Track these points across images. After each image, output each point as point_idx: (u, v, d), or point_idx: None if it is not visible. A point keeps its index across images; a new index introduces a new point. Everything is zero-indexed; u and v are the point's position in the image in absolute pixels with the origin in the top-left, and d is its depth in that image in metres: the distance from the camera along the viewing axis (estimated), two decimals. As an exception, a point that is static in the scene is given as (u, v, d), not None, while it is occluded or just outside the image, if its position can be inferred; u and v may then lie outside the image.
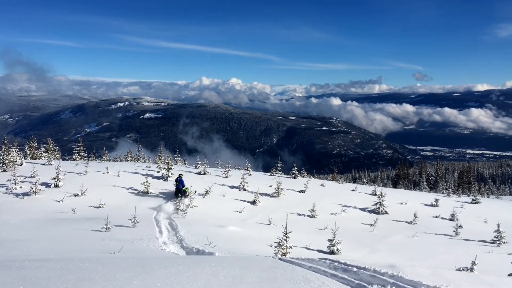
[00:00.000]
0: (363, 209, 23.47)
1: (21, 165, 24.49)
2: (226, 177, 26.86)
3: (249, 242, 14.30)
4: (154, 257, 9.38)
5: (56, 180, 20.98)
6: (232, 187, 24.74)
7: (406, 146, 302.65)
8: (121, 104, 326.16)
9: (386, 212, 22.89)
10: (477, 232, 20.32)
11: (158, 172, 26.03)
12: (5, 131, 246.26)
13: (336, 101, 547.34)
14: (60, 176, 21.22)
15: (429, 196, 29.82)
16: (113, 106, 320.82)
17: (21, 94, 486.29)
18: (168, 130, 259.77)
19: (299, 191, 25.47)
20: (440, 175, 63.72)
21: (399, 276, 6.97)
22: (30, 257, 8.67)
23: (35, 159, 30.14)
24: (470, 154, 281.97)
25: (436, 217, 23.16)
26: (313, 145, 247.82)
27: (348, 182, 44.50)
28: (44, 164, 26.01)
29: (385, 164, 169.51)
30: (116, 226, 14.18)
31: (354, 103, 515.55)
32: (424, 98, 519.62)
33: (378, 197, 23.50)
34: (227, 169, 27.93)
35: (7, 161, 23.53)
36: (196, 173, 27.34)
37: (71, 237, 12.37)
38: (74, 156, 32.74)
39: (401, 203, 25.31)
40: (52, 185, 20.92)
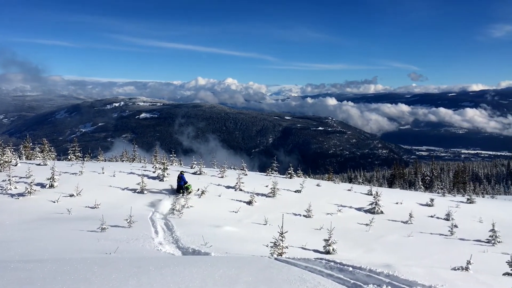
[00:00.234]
0: (359, 209, 23.52)
1: (16, 166, 24.39)
2: (222, 177, 26.86)
3: (245, 242, 14.30)
4: (150, 258, 9.36)
5: (51, 181, 20.90)
6: (228, 187, 24.74)
7: (402, 146, 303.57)
8: (117, 104, 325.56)
9: (382, 212, 22.94)
10: (472, 232, 20.39)
11: (154, 172, 26.00)
12: (0, 132, 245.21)
13: (332, 101, 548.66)
14: (55, 177, 21.15)
15: (425, 196, 29.91)
16: (109, 106, 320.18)
17: (16, 94, 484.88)
18: (164, 130, 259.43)
19: (295, 191, 25.49)
20: (435, 175, 63.93)
21: (395, 276, 6.99)
22: (25, 258, 8.64)
23: (30, 160, 30.03)
24: (465, 154, 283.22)
25: (432, 217, 23.23)
26: (309, 145, 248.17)
27: (344, 182, 44.60)
28: (39, 165, 25.91)
29: (381, 164, 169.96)
30: (112, 227, 14.14)
31: (350, 103, 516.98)
32: (420, 98, 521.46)
33: (374, 197, 23.55)
34: (223, 169, 27.92)
35: (2, 162, 23.44)
36: (192, 173, 27.31)
37: (67, 238, 12.32)
38: (70, 157, 32.64)
39: (397, 203, 25.38)
40: (47, 186, 20.84)
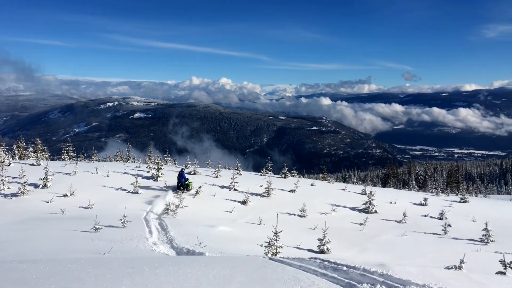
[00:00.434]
0: (353, 209, 23.58)
1: (9, 166, 24.25)
2: (216, 177, 26.84)
3: (240, 242, 14.30)
4: (144, 258, 9.34)
5: (45, 181, 20.81)
6: (223, 187, 24.72)
7: (395, 146, 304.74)
8: (111, 104, 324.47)
9: (376, 211, 23.02)
10: (466, 231, 20.50)
11: (148, 172, 25.95)
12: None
13: (326, 101, 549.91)
14: (49, 177, 21.06)
15: (418, 195, 30.04)
16: (102, 106, 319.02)
17: (9, 94, 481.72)
18: (158, 130, 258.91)
19: (290, 191, 25.52)
20: (429, 175, 64.23)
21: (389, 275, 7.03)
22: (19, 258, 8.59)
23: (23, 160, 29.86)
24: (459, 154, 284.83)
25: (425, 216, 23.33)
26: (303, 145, 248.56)
27: (338, 182, 44.70)
28: (33, 165, 25.77)
29: (375, 164, 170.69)
30: (106, 227, 14.08)
31: (344, 103, 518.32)
32: (413, 98, 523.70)
33: (368, 197, 23.62)
34: (217, 169, 27.91)
35: (-5, 162, 23.30)
36: (186, 173, 27.25)
37: (60, 238, 12.26)
38: (63, 157, 32.48)
39: (391, 202, 25.48)
40: (41, 186, 20.74)
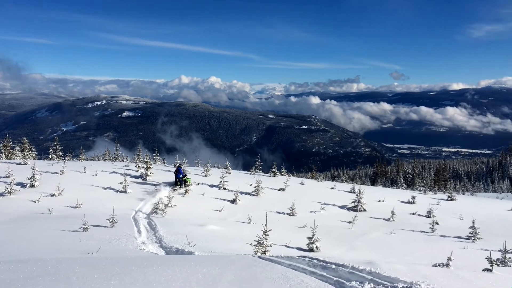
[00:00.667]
0: (342, 207, 23.69)
1: (-5, 165, 23.96)
2: (206, 176, 26.79)
3: (229, 241, 14.30)
4: (133, 257, 9.29)
5: (32, 180, 20.60)
6: (212, 186, 24.68)
7: (384, 144, 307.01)
8: (99, 103, 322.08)
9: (364, 210, 23.15)
10: (453, 229, 20.71)
11: (137, 172, 25.81)
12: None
13: (315, 100, 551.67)
14: (36, 176, 20.85)
15: (406, 194, 30.27)
16: (90, 105, 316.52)
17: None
18: (147, 129, 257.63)
19: (279, 190, 25.57)
20: (417, 173, 64.80)
21: (377, 273, 7.06)
22: (6, 259, 8.49)
23: (10, 159, 29.49)
24: (446, 152, 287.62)
25: (413, 214, 23.52)
26: (293, 144, 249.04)
27: (327, 180, 44.84)
28: (20, 164, 25.49)
29: (363, 162, 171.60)
30: (94, 226, 13.99)
31: (333, 102, 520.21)
32: (401, 97, 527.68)
33: (357, 195, 23.75)
34: (207, 168, 27.86)
35: (-19, 161, 22.99)
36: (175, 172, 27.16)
37: (48, 238, 12.15)
38: (51, 156, 32.16)
39: (379, 201, 25.64)
40: (28, 185, 20.52)
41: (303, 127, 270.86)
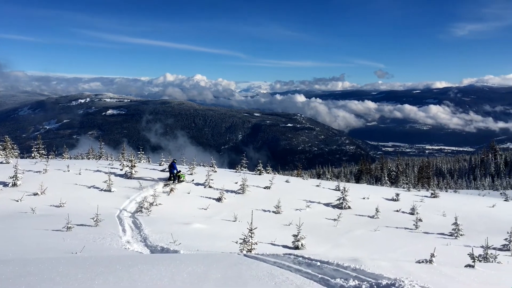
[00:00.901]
0: (327, 204, 23.82)
1: (-24, 164, 23.57)
2: (191, 174, 26.68)
3: (215, 239, 14.29)
4: (117, 256, 9.23)
5: (14, 179, 20.29)
6: (197, 184, 24.61)
7: (368, 142, 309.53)
8: (82, 101, 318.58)
9: (349, 207, 23.31)
10: (436, 225, 20.96)
11: (121, 170, 25.61)
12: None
13: (301, 98, 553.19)
14: (19, 175, 20.55)
15: (390, 191, 30.55)
16: (74, 103, 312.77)
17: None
18: (131, 127, 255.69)
19: (264, 188, 25.60)
20: (401, 170, 65.50)
21: (361, 270, 7.13)
22: (-13, 259, 8.36)
23: (-9, 158, 29.02)
24: (429, 150, 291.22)
25: (397, 211, 23.74)
26: (278, 142, 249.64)
27: (313, 178, 45.06)
28: (1, 163, 25.10)
29: (348, 160, 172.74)
30: (78, 226, 13.85)
31: (318, 100, 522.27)
32: (385, 95, 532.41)
33: (342, 192, 23.88)
34: (192, 166, 27.76)
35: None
36: (161, 171, 27.03)
37: (31, 237, 12.00)
38: (33, 154, 31.69)
39: (364, 198, 25.84)
40: (10, 184, 20.22)
41: (289, 125, 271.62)
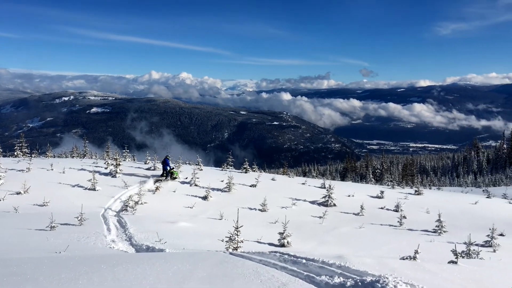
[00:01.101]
0: (313, 202, 23.92)
1: (-43, 163, 23.14)
2: (180, 172, 26.55)
3: (201, 238, 14.25)
4: (102, 255, 9.16)
5: (-4, 178, 20.03)
6: (183, 183, 24.53)
7: (354, 140, 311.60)
8: (66, 98, 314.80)
9: (335, 205, 23.44)
10: (420, 222, 21.18)
11: (106, 169, 25.39)
12: None
13: (286, 96, 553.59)
14: (1, 174, 20.30)
15: (375, 188, 30.79)
16: (58, 100, 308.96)
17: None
18: (116, 125, 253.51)
19: (251, 186, 25.61)
20: (385, 168, 66.12)
21: (346, 267, 7.18)
22: (-32, 260, 8.23)
23: (-28, 156, 28.55)
24: (413, 147, 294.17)
25: (382, 209, 23.95)
26: (264, 140, 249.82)
27: (298, 176, 45.22)
28: (-17, 162, 24.70)
29: (334, 158, 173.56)
30: (62, 225, 13.71)
31: (304, 98, 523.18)
32: (370, 94, 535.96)
33: (327, 190, 24.01)
34: (178, 165, 27.64)
35: None
36: (146, 169, 26.87)
37: (14, 237, 11.85)
38: (16, 153, 31.25)
39: (349, 196, 26.00)
40: (-8, 184, 19.94)
41: (275, 123, 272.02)
